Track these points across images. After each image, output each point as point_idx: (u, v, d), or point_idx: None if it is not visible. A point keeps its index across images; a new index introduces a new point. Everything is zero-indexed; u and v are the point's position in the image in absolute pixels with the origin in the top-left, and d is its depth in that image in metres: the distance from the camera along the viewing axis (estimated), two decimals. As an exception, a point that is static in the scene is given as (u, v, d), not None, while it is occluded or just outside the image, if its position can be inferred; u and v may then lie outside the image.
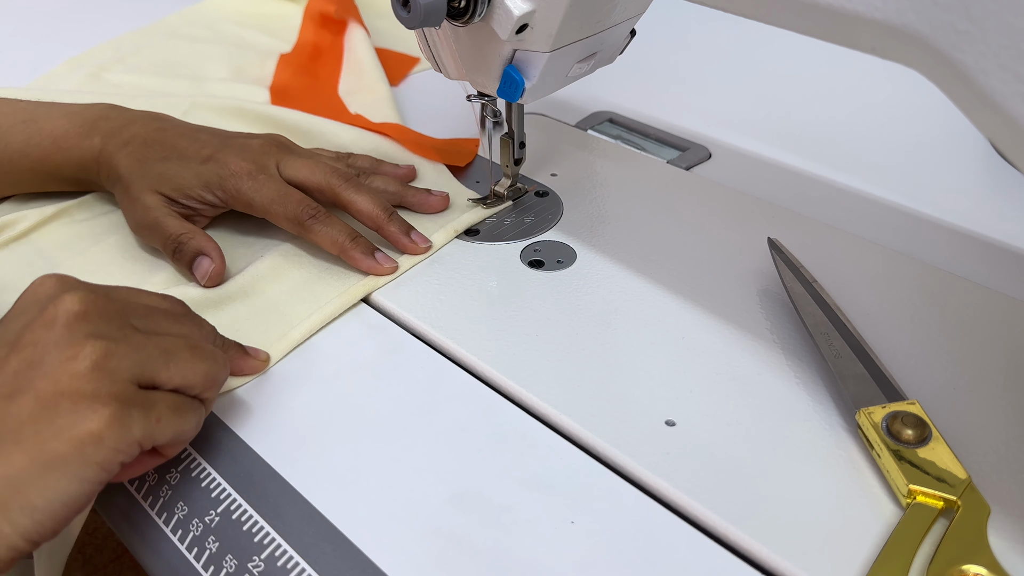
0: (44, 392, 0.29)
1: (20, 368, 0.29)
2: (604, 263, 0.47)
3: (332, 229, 0.45)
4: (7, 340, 0.30)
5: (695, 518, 0.33)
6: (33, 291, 0.32)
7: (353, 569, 0.31)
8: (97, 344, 0.30)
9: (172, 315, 0.35)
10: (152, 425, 0.30)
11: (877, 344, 0.40)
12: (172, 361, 0.32)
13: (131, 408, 0.30)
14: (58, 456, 0.28)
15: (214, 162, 0.46)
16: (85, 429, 0.28)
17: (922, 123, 0.62)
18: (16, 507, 0.28)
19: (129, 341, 0.31)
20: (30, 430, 0.28)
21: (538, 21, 0.39)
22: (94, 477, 0.29)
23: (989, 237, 0.50)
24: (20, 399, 0.28)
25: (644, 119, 0.64)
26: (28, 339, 0.30)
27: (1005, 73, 0.23)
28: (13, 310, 0.32)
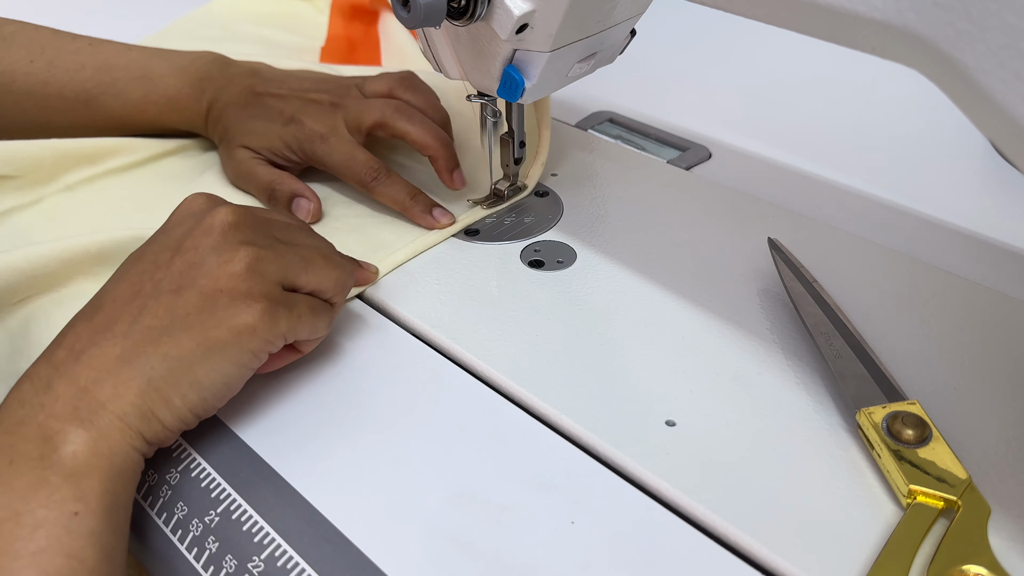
0: (206, 288, 0.33)
1: (184, 268, 0.34)
2: (604, 263, 0.47)
3: (393, 188, 0.49)
4: (169, 245, 0.35)
5: (695, 518, 0.33)
6: (187, 205, 0.38)
7: (353, 569, 0.31)
8: (249, 250, 0.35)
9: (303, 230, 0.40)
10: (294, 321, 0.35)
11: (877, 344, 0.40)
12: (309, 267, 0.37)
13: (277, 305, 0.34)
14: (219, 342, 0.33)
15: (294, 124, 0.50)
16: (242, 321, 0.33)
17: (922, 123, 0.62)
18: (186, 384, 0.33)
19: (274, 249, 0.36)
20: (195, 320, 0.33)
21: (538, 21, 0.39)
22: (248, 362, 0.34)
23: (989, 237, 0.50)
24: (185, 294, 0.33)
25: (644, 119, 0.64)
26: (189, 244, 0.35)
27: (1005, 73, 0.23)
28: (170, 222, 0.37)
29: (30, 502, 0.29)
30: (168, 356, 0.32)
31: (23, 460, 0.30)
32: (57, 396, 0.31)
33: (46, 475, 0.29)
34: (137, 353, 0.32)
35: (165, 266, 0.34)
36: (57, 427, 0.30)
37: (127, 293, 0.34)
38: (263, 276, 0.34)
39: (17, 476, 0.29)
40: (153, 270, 0.34)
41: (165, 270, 0.34)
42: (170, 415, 0.33)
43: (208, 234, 0.35)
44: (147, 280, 0.34)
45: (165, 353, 0.32)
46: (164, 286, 0.34)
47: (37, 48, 0.52)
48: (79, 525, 0.29)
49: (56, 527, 0.29)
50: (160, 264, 0.35)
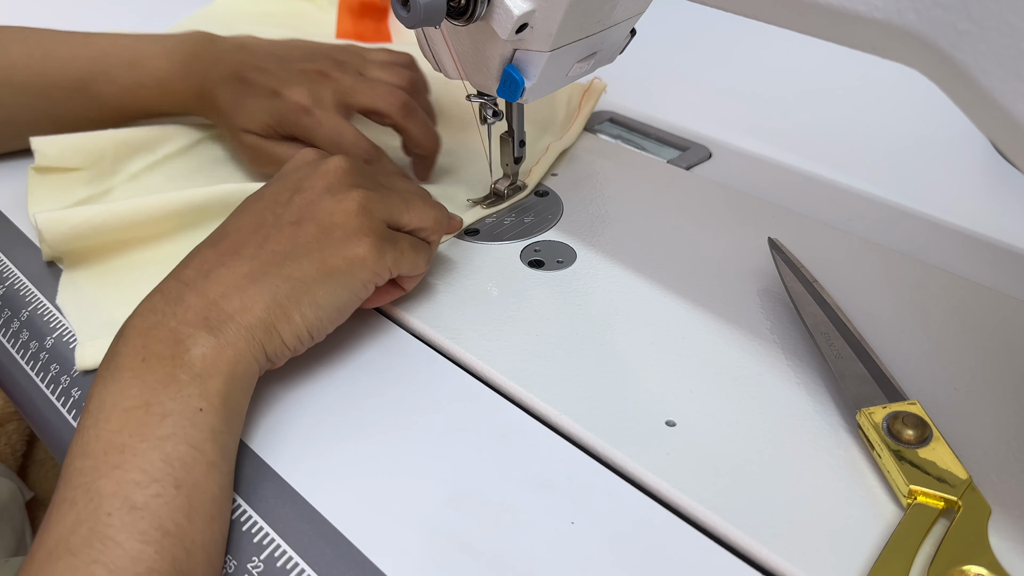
0: (323, 222, 0.37)
1: (303, 204, 0.38)
2: (604, 263, 0.47)
3: (387, 169, 0.49)
4: (288, 186, 0.39)
5: (695, 518, 0.33)
6: (301, 156, 0.42)
7: (353, 569, 0.31)
8: (359, 192, 0.38)
9: (401, 176, 0.44)
10: (398, 256, 0.39)
11: (877, 344, 0.40)
12: (411, 208, 0.40)
13: (384, 242, 0.38)
14: (336, 269, 0.37)
15: (278, 98, 0.50)
16: (354, 252, 0.37)
17: (922, 123, 0.62)
18: (306, 302, 0.36)
19: (380, 192, 0.40)
20: (315, 247, 0.36)
21: (538, 20, 0.39)
22: (358, 290, 0.38)
23: (989, 237, 0.50)
24: (306, 225, 0.37)
25: (644, 119, 0.63)
26: (307, 185, 0.39)
27: (1005, 72, 0.23)
28: (286, 170, 0.41)
29: (160, 394, 0.32)
30: (291, 277, 0.35)
31: (155, 359, 0.32)
32: (188, 306, 0.34)
33: (176, 372, 0.32)
34: (264, 272, 0.35)
35: (285, 203, 0.38)
36: (188, 332, 0.33)
37: (252, 223, 0.37)
38: (371, 215, 0.38)
39: (149, 371, 0.32)
40: (274, 206, 0.38)
41: (286, 206, 0.38)
42: (290, 330, 0.36)
43: (324, 177, 0.39)
44: (269, 214, 0.38)
45: (289, 275, 0.35)
46: (286, 218, 0.37)
47: (34, 44, 0.53)
48: (202, 420, 0.32)
49: (182, 419, 0.31)
50: (281, 201, 0.38)
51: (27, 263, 0.48)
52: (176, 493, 0.30)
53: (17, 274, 0.47)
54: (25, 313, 0.44)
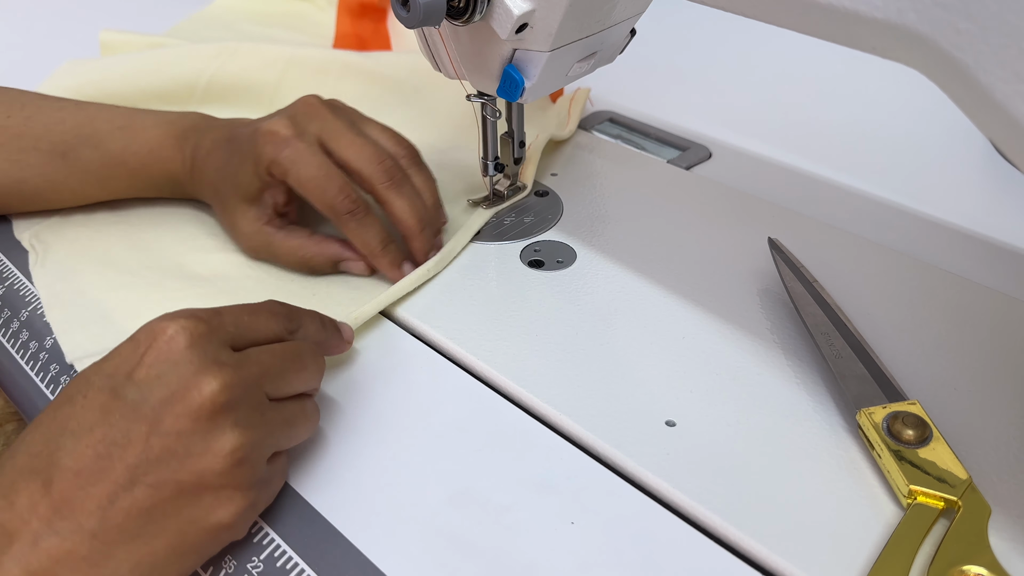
0: (186, 485, 0.29)
1: (163, 456, 0.29)
2: (604, 263, 0.47)
3: (367, 231, 0.44)
4: (144, 415, 0.29)
5: (695, 518, 0.33)
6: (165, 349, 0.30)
7: (353, 569, 0.31)
8: (236, 435, 0.30)
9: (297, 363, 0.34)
10: (270, 498, 0.33)
11: (877, 344, 0.40)
12: (293, 431, 0.33)
13: (260, 491, 0.31)
14: (194, 544, 0.30)
15: (255, 132, 0.44)
16: (221, 522, 0.30)
17: (922, 123, 0.62)
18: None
19: (265, 424, 0.31)
20: (172, 522, 0.29)
21: (538, 20, 0.39)
22: (214, 552, 0.31)
23: (989, 237, 0.50)
24: (163, 490, 0.29)
25: (644, 119, 0.63)
26: (170, 425, 0.29)
27: (1005, 72, 0.23)
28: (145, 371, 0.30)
29: None
30: (141, 564, 0.29)
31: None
32: None
33: None
34: (106, 557, 0.28)
35: (139, 445, 0.29)
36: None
37: (92, 467, 0.28)
38: (253, 466, 0.31)
39: None
40: (124, 447, 0.29)
41: (139, 452, 0.29)
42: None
43: (195, 418, 0.29)
44: (117, 459, 0.29)
45: (138, 561, 0.29)
46: (139, 475, 0.29)
47: (17, 105, 0.49)
48: None
49: None
50: (132, 440, 0.29)
51: (27, 263, 0.48)
52: None
53: (17, 274, 0.47)
54: (25, 313, 0.44)
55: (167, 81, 0.61)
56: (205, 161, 0.47)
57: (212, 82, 0.61)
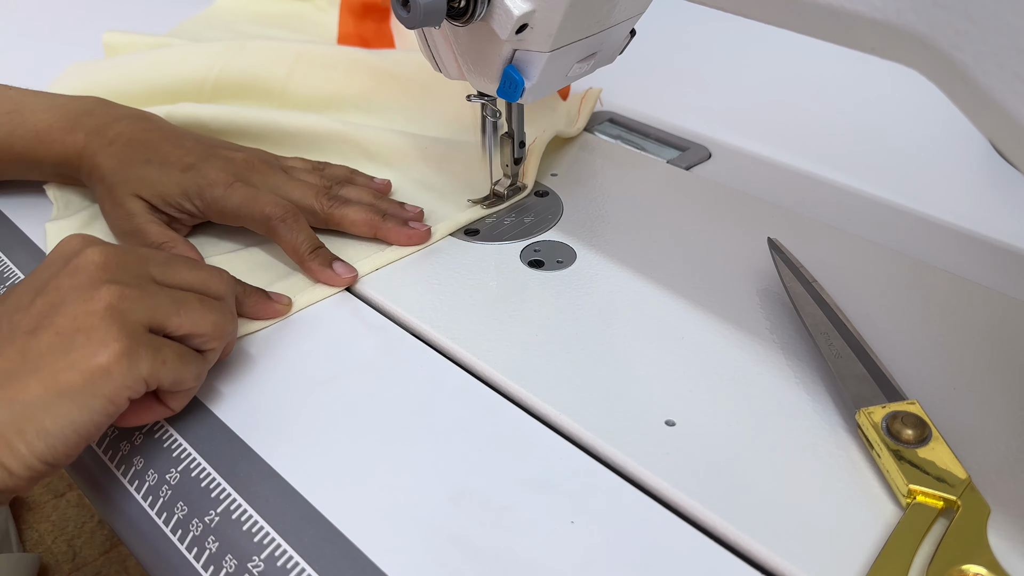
0: (62, 328, 0.31)
1: (43, 310, 0.32)
2: (604, 263, 0.47)
3: (296, 235, 0.45)
4: (34, 287, 0.34)
5: (695, 518, 0.33)
6: (60, 248, 0.35)
7: (353, 569, 0.31)
8: (113, 288, 0.33)
9: (189, 265, 0.37)
10: (158, 366, 0.33)
11: (877, 344, 0.40)
12: (183, 310, 0.35)
13: (139, 347, 0.32)
14: (70, 386, 0.31)
15: (194, 171, 0.46)
16: (96, 362, 0.31)
17: (922, 123, 0.62)
18: (31, 431, 0.30)
19: (143, 289, 0.34)
20: (47, 362, 0.31)
21: (538, 21, 0.39)
22: (102, 408, 0.31)
23: (989, 237, 0.50)
24: (40, 335, 0.31)
25: (644, 119, 0.64)
26: (53, 285, 0.33)
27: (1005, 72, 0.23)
28: (41, 265, 0.35)
29: None
30: (13, 401, 0.30)
31: None
32: None
33: None
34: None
35: (26, 308, 0.33)
36: None
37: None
38: (125, 315, 0.32)
39: None
40: (12, 312, 0.33)
41: (25, 312, 0.32)
42: (15, 463, 0.30)
43: (73, 274, 0.33)
44: (5, 321, 0.32)
45: (11, 398, 0.30)
46: (21, 327, 0.32)
47: None
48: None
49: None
50: (21, 306, 0.33)
51: (27, 263, 0.48)
52: None
53: (17, 274, 0.47)
54: (25, 313, 0.44)
55: (175, 79, 0.62)
56: (104, 151, 0.47)
57: (220, 79, 0.61)
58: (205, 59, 0.62)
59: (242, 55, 0.62)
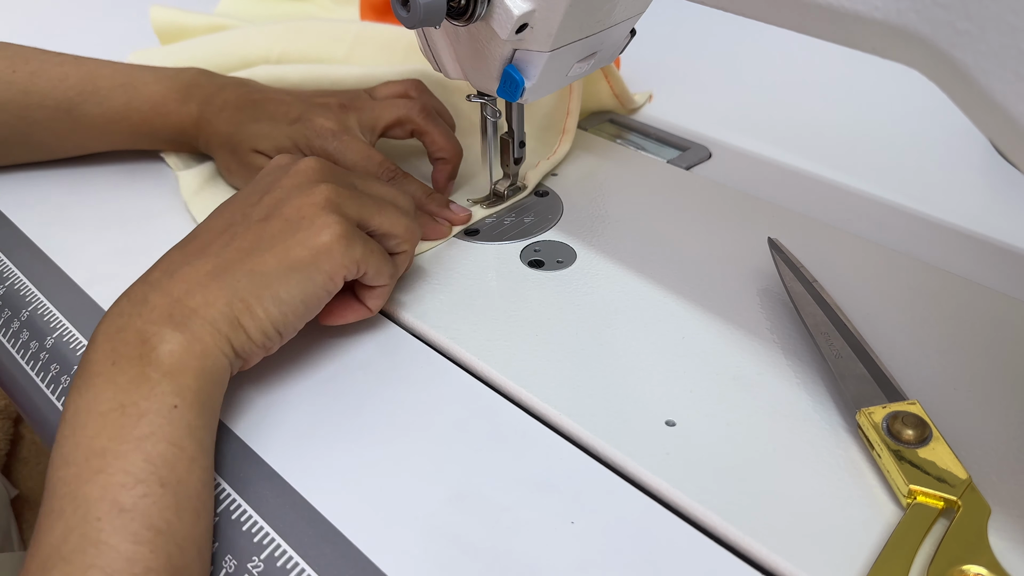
0: (290, 216, 0.37)
1: (271, 203, 0.38)
2: (604, 263, 0.47)
3: (410, 186, 0.49)
4: (259, 188, 0.39)
5: (695, 518, 0.33)
6: (276, 161, 0.41)
7: (353, 569, 0.31)
8: (328, 186, 0.38)
9: (380, 181, 0.43)
10: (368, 254, 0.38)
11: (877, 344, 0.40)
12: (383, 211, 0.40)
13: (353, 233, 0.38)
14: (299, 260, 0.36)
15: (302, 123, 0.49)
16: (320, 241, 0.36)
17: (922, 123, 0.62)
18: (268, 297, 0.35)
19: (352, 190, 0.39)
20: (279, 240, 0.36)
21: (538, 21, 0.39)
22: (323, 283, 0.37)
23: (989, 237, 0.50)
24: (271, 221, 0.37)
25: (644, 119, 0.64)
26: (278, 184, 0.39)
27: (1005, 72, 0.23)
28: (259, 175, 0.41)
29: (133, 395, 0.32)
30: (253, 272, 0.35)
31: (125, 360, 0.32)
32: (153, 306, 0.34)
33: (147, 371, 0.32)
34: (226, 269, 0.35)
35: (255, 203, 0.38)
36: (154, 330, 0.33)
37: (220, 225, 0.38)
38: (339, 207, 0.38)
39: (120, 373, 0.32)
40: (244, 207, 0.38)
41: (255, 206, 0.38)
42: (254, 325, 0.35)
43: (295, 176, 0.39)
44: (238, 214, 0.38)
45: (250, 269, 0.35)
46: (254, 216, 0.37)
47: (21, 60, 0.51)
48: (178, 416, 0.32)
49: (158, 417, 0.31)
50: (251, 202, 0.38)
51: (27, 263, 0.48)
52: (163, 492, 0.30)
53: (17, 274, 0.47)
54: (25, 313, 0.44)
55: (237, 61, 0.63)
56: (217, 117, 0.51)
57: (282, 60, 0.62)
58: (266, 40, 0.63)
59: (302, 36, 0.63)
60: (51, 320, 0.44)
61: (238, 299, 0.35)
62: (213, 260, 0.36)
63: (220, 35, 0.65)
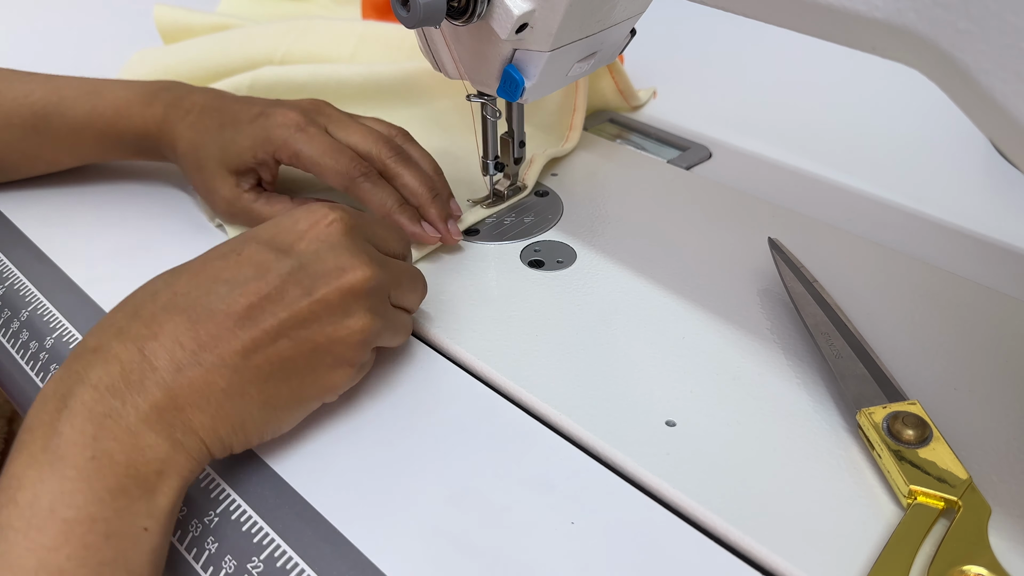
0: (319, 342, 0.34)
1: (307, 316, 0.33)
2: (604, 263, 0.47)
3: (382, 191, 0.45)
4: (300, 281, 0.33)
5: (695, 518, 0.33)
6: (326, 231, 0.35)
7: (353, 569, 0.31)
8: (367, 321, 0.35)
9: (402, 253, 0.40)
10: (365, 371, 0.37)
11: (877, 344, 0.40)
12: (398, 334, 0.38)
13: (364, 367, 0.37)
14: (308, 397, 0.35)
15: (263, 116, 0.46)
16: (331, 382, 0.35)
17: (922, 123, 0.62)
18: (269, 428, 0.34)
19: (385, 318, 0.36)
20: (298, 372, 0.33)
21: (538, 20, 0.39)
22: (314, 408, 0.36)
23: (989, 237, 0.50)
24: (299, 344, 0.33)
25: (644, 119, 0.63)
26: (321, 295, 0.34)
27: (1005, 72, 0.23)
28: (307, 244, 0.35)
29: (106, 508, 0.28)
30: (267, 405, 0.33)
31: (107, 460, 0.29)
32: (153, 403, 0.30)
33: (126, 484, 0.29)
34: (241, 393, 0.32)
35: (289, 304, 0.33)
36: (149, 439, 0.30)
37: (244, 314, 0.32)
38: (368, 346, 0.35)
39: (99, 476, 0.28)
40: (277, 302, 0.33)
41: (288, 310, 0.33)
42: (243, 446, 0.34)
43: (340, 293, 0.34)
44: (269, 313, 0.32)
45: (265, 402, 0.33)
46: (286, 330, 0.33)
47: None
48: (146, 541, 0.29)
49: (125, 540, 0.28)
50: (286, 300, 0.33)
51: (27, 263, 0.48)
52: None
53: (17, 274, 0.47)
54: (25, 313, 0.44)
55: (241, 61, 0.62)
56: (182, 121, 0.48)
57: (287, 59, 0.62)
58: (271, 40, 0.63)
59: (306, 36, 0.63)
60: (51, 320, 0.44)
61: (242, 429, 0.33)
62: (229, 375, 0.31)
63: (224, 35, 0.65)
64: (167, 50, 0.66)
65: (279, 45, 0.63)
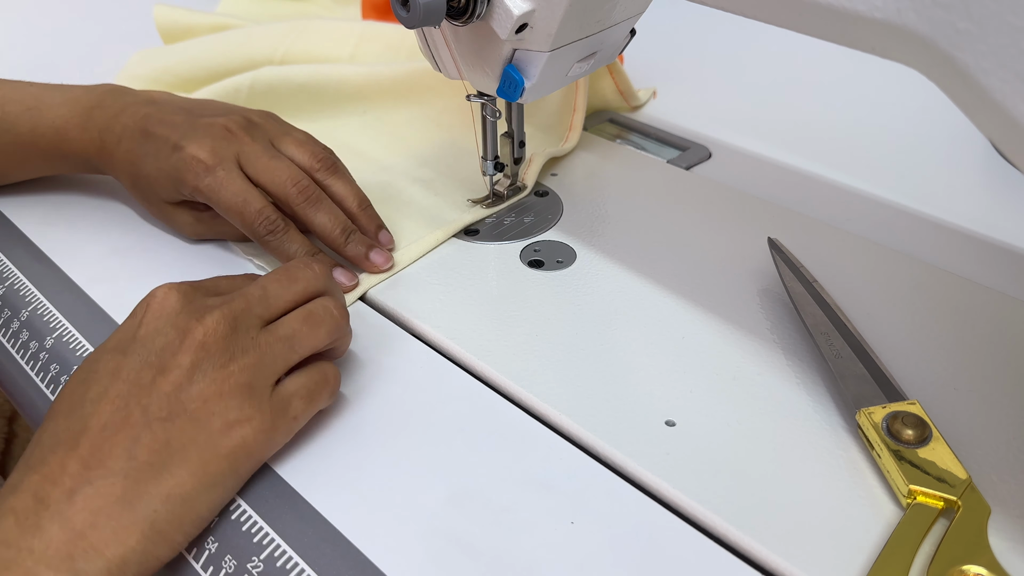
0: (197, 413, 0.32)
1: (171, 391, 0.32)
2: (604, 263, 0.47)
3: (290, 246, 0.44)
4: (151, 362, 0.33)
5: (695, 518, 0.33)
6: (160, 307, 0.34)
7: (353, 569, 0.31)
8: (239, 367, 0.33)
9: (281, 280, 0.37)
10: (292, 424, 0.34)
11: (877, 344, 0.40)
12: (296, 345, 0.35)
13: (274, 419, 0.34)
14: (219, 473, 0.32)
15: (176, 152, 0.44)
16: (235, 443, 0.32)
17: (922, 123, 0.62)
18: (189, 522, 0.31)
19: (259, 348, 0.34)
20: (191, 450, 0.31)
21: (538, 20, 0.39)
22: (245, 479, 0.34)
23: (989, 237, 0.50)
24: (178, 422, 0.32)
25: (644, 119, 0.64)
26: (173, 364, 0.33)
27: (1005, 72, 0.23)
28: (144, 327, 0.34)
29: None
30: (171, 497, 0.31)
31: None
32: (49, 541, 0.28)
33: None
34: (138, 495, 0.30)
35: (149, 388, 0.32)
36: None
37: (114, 419, 0.31)
38: (254, 390, 0.33)
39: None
40: (138, 393, 0.32)
41: (150, 394, 0.32)
42: (170, 552, 0.31)
43: (191, 351, 0.33)
44: (134, 404, 0.32)
45: (168, 495, 0.31)
46: (153, 412, 0.31)
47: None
48: None
49: None
50: (143, 385, 0.32)
51: (27, 263, 0.48)
52: None
53: (17, 274, 0.47)
54: (25, 313, 0.44)
55: (241, 61, 0.62)
56: (116, 147, 0.47)
57: (287, 59, 0.62)
58: (270, 40, 0.63)
59: (305, 36, 0.63)
60: (51, 320, 0.44)
61: (155, 531, 0.30)
62: (121, 481, 0.30)
63: (224, 35, 0.65)
64: (167, 50, 0.66)
65: (279, 45, 0.63)
